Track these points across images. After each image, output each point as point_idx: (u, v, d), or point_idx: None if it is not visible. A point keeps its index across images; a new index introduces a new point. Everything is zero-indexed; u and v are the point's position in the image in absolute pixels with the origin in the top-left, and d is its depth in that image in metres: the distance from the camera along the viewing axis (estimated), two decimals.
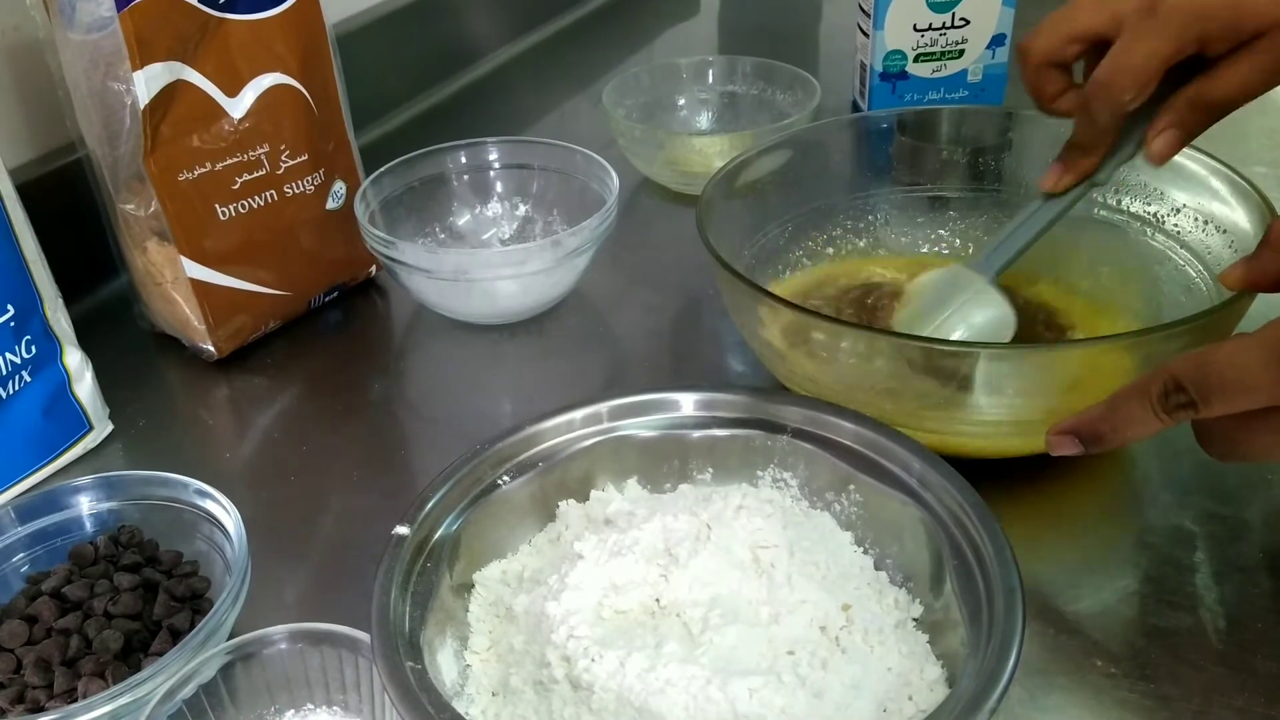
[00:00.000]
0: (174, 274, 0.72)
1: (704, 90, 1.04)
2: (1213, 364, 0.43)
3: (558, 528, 0.55)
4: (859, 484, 0.53)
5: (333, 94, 0.76)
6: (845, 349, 0.58)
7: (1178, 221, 0.69)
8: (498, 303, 0.77)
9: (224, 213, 0.71)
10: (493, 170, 0.86)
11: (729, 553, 0.49)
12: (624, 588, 0.48)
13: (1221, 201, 0.65)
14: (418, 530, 0.50)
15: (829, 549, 0.51)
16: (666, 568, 0.49)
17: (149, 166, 0.67)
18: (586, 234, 0.74)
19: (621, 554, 0.49)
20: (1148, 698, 0.49)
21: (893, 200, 0.79)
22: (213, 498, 0.56)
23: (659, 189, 0.96)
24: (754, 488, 0.55)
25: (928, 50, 1.01)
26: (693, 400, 0.57)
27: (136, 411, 0.72)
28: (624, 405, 0.56)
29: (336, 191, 0.78)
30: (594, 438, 0.56)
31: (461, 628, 0.50)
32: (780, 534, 0.50)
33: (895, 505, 0.51)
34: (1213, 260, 0.65)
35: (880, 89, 1.03)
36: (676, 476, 0.57)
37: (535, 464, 0.55)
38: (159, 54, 0.65)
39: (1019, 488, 0.61)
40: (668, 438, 0.56)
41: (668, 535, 0.50)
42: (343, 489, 0.65)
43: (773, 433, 0.55)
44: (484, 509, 0.53)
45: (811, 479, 0.55)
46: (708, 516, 0.51)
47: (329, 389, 0.75)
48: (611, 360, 0.77)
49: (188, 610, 0.53)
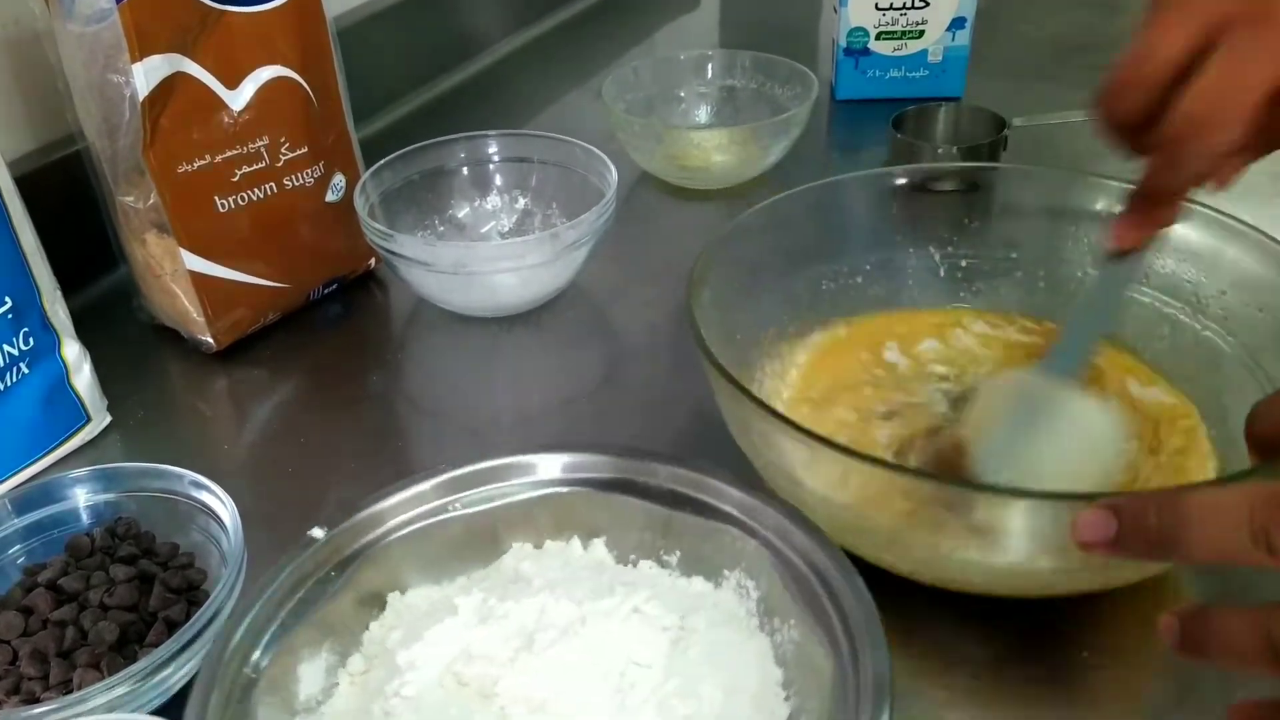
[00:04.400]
0: (173, 266, 0.71)
1: (703, 84, 1.04)
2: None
3: (498, 567, 0.53)
4: (798, 617, 0.47)
5: (333, 87, 0.76)
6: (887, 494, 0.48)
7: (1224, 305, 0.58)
8: (497, 296, 0.77)
9: (223, 205, 0.71)
10: (492, 163, 0.86)
11: (595, 656, 0.45)
12: (476, 659, 0.46)
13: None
14: (340, 536, 0.49)
15: (732, 686, 0.45)
16: (519, 652, 0.46)
17: (148, 159, 0.67)
18: (586, 227, 0.74)
19: (489, 621, 0.47)
20: None
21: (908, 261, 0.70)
22: (208, 489, 0.56)
23: (658, 183, 0.96)
24: (715, 588, 0.51)
25: (889, 29, 1.05)
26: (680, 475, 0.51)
27: (135, 403, 0.72)
28: (639, 465, 0.52)
29: (336, 184, 0.78)
30: (574, 486, 0.53)
31: (351, 644, 0.49)
32: (664, 654, 0.45)
33: (822, 654, 0.45)
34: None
35: (845, 64, 1.08)
36: (645, 551, 0.53)
37: (491, 499, 0.52)
38: (158, 46, 0.65)
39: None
40: (650, 510, 0.52)
41: (541, 616, 0.47)
42: (341, 481, 0.66)
43: (745, 533, 0.49)
44: (426, 531, 0.51)
45: (769, 595, 0.49)
46: (592, 609, 0.47)
47: (328, 381, 0.75)
48: (610, 353, 0.77)
49: (184, 602, 0.53)
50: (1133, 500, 0.37)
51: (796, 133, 0.93)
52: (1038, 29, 1.25)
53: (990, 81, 1.09)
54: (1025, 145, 0.91)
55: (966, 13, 1.04)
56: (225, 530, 0.54)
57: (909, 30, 1.05)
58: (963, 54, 1.06)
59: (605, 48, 1.29)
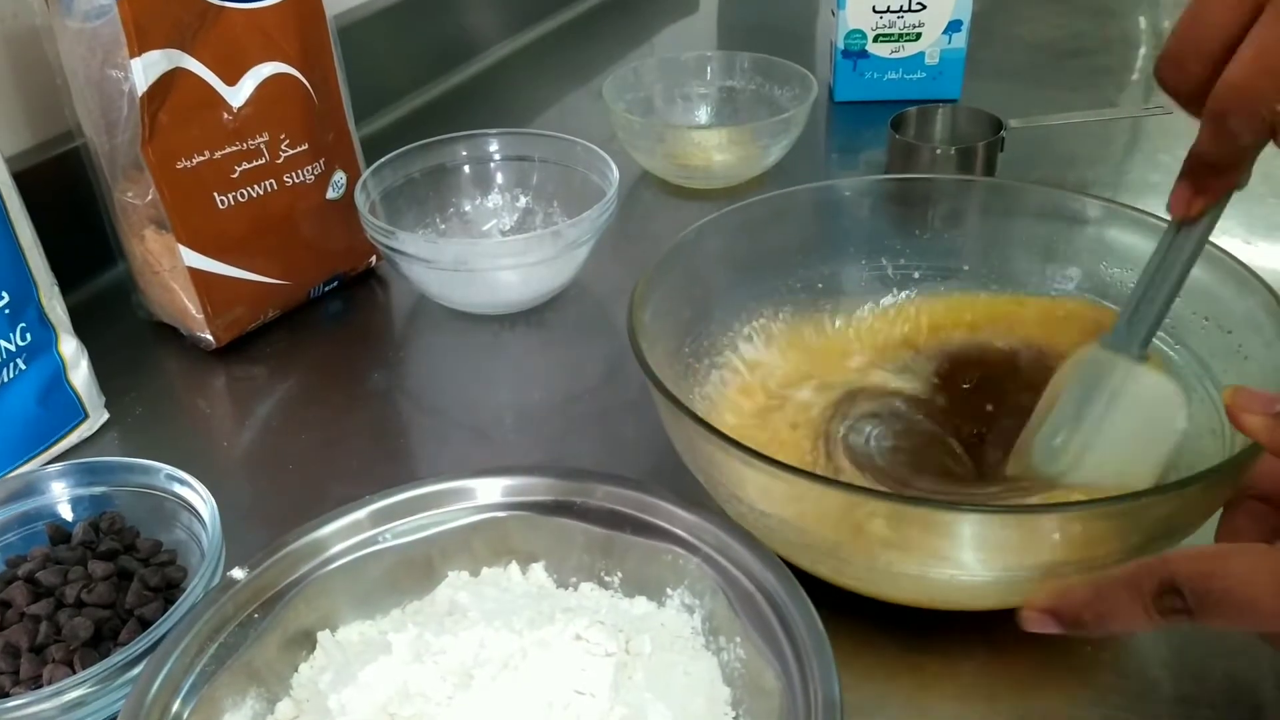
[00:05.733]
0: (172, 263, 0.71)
1: (703, 85, 1.04)
2: (1220, 578, 0.38)
3: (433, 599, 0.51)
4: (744, 635, 0.46)
5: (333, 84, 0.76)
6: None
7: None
8: (498, 293, 0.77)
9: (223, 201, 0.71)
10: (493, 162, 0.86)
11: (537, 689, 0.44)
12: (413, 698, 0.44)
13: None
14: (263, 575, 0.47)
15: (680, 709, 0.44)
16: (457, 689, 0.44)
17: (147, 154, 0.67)
18: (587, 225, 0.74)
19: (425, 658, 0.45)
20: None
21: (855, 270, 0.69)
22: (187, 484, 0.55)
23: (659, 182, 0.96)
24: (659, 608, 0.49)
25: (886, 31, 1.06)
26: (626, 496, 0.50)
27: (133, 400, 0.71)
28: (576, 485, 0.51)
29: (337, 181, 0.78)
30: (510, 510, 0.51)
31: (279, 688, 0.47)
32: (608, 682, 0.44)
33: (770, 674, 0.44)
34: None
35: (843, 66, 1.09)
36: (586, 573, 0.52)
37: (423, 528, 0.51)
38: (157, 41, 0.64)
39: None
40: (590, 532, 0.51)
41: (479, 650, 0.45)
42: (342, 479, 0.65)
43: (687, 551, 0.49)
44: (357, 564, 0.50)
45: (714, 614, 0.48)
46: (532, 639, 0.46)
47: (328, 379, 0.75)
48: (611, 351, 0.77)
49: (160, 600, 0.52)
50: (1063, 603, 0.42)
51: (796, 133, 0.93)
52: (1033, 32, 1.26)
53: (986, 84, 1.09)
54: (1021, 146, 0.91)
55: (963, 16, 1.05)
56: (205, 527, 0.54)
57: (906, 33, 1.06)
58: (959, 56, 1.07)
59: (604, 50, 1.29)
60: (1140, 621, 0.40)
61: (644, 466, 0.64)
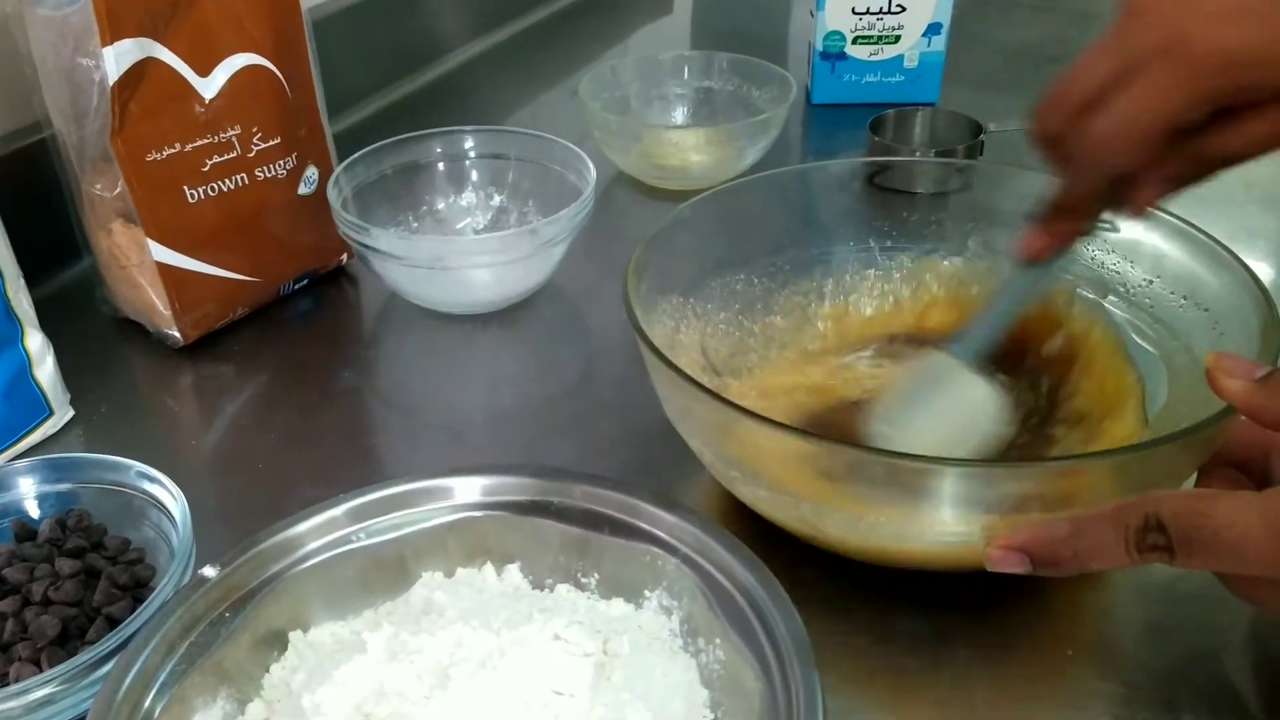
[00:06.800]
0: (139, 257, 0.70)
1: (680, 85, 1.03)
2: (1208, 520, 0.39)
3: (407, 599, 0.50)
4: (724, 636, 0.46)
5: (307, 77, 0.75)
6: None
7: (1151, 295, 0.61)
8: (472, 292, 0.76)
9: (193, 195, 0.70)
10: (468, 159, 0.85)
11: (515, 689, 0.43)
12: (388, 698, 0.43)
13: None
14: (235, 573, 0.46)
15: (660, 710, 0.44)
16: (434, 689, 0.43)
17: (116, 146, 0.65)
18: (563, 223, 0.73)
19: (400, 658, 0.45)
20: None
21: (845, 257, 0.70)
22: (158, 482, 0.54)
23: (635, 182, 0.95)
24: (636, 609, 0.49)
25: (865, 33, 1.06)
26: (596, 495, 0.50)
27: (99, 398, 0.70)
28: (554, 485, 0.51)
29: (309, 177, 0.77)
30: (485, 510, 0.51)
31: (250, 689, 0.46)
32: (587, 682, 0.44)
33: (750, 675, 0.44)
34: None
35: (821, 68, 1.09)
36: (562, 574, 0.51)
37: (397, 528, 0.50)
38: (129, 30, 0.63)
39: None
40: (566, 532, 0.50)
41: (456, 650, 0.45)
42: (311, 478, 0.64)
43: (665, 551, 0.48)
44: (329, 564, 0.49)
45: (693, 615, 0.48)
46: (510, 639, 0.45)
47: (298, 377, 0.73)
48: (586, 352, 0.76)
49: (129, 599, 0.51)
50: (1038, 539, 0.43)
51: (773, 134, 0.92)
52: (1011, 37, 1.26)
53: (965, 89, 1.09)
54: (1000, 150, 0.91)
55: (943, 18, 1.05)
56: (175, 524, 0.53)
57: (885, 35, 1.06)
58: (938, 60, 1.07)
59: (579, 49, 1.28)
60: (1120, 557, 0.41)
61: (619, 467, 0.64)
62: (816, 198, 0.69)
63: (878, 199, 0.70)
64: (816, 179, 0.70)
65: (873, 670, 0.51)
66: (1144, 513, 0.40)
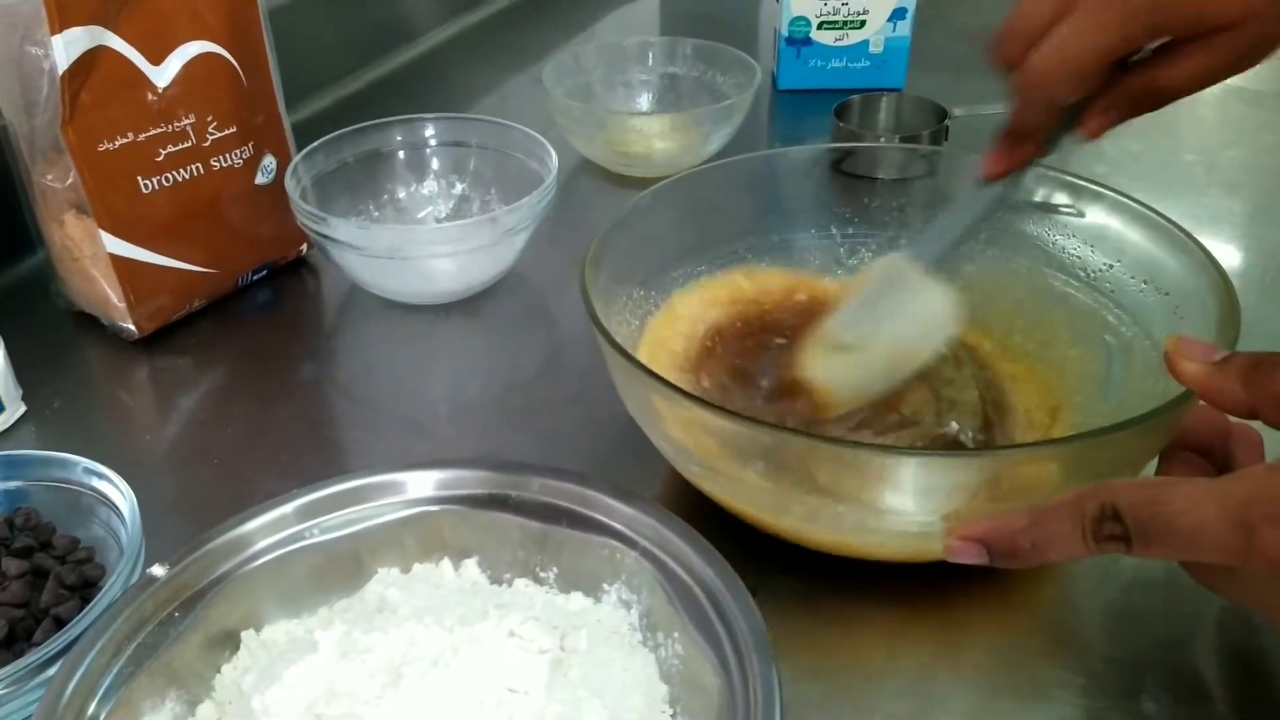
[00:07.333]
0: (92, 249, 0.69)
1: (645, 72, 1.03)
2: (1164, 507, 0.38)
3: (361, 596, 0.49)
4: (683, 630, 0.45)
5: (263, 65, 0.74)
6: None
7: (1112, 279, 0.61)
8: (433, 282, 0.75)
9: (146, 185, 0.68)
10: (429, 147, 0.84)
11: (469, 687, 0.42)
12: (339, 698, 0.42)
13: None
14: (184, 573, 0.45)
15: (617, 706, 0.43)
16: (386, 688, 0.43)
17: (67, 135, 0.64)
18: (525, 211, 0.73)
19: (352, 656, 0.44)
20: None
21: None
22: (106, 478, 0.53)
23: (599, 170, 0.95)
24: (595, 603, 0.48)
25: (830, 18, 1.06)
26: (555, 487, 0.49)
27: (52, 392, 0.69)
28: (511, 478, 0.50)
29: (266, 166, 0.76)
30: (442, 505, 0.50)
31: (201, 690, 0.45)
32: (542, 679, 0.43)
33: (709, 670, 0.43)
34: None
35: (787, 53, 1.08)
36: (520, 569, 0.50)
37: (352, 523, 0.49)
38: (79, 18, 0.62)
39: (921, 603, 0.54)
40: (525, 526, 0.49)
41: (410, 648, 0.44)
42: (270, 472, 0.63)
43: (624, 545, 0.48)
44: (282, 561, 0.48)
45: (652, 610, 0.47)
46: (464, 636, 0.44)
47: (257, 370, 0.72)
48: (550, 341, 0.75)
49: (77, 599, 0.50)
50: (997, 530, 0.42)
51: (738, 120, 0.92)
52: (976, 21, 1.25)
53: (930, 73, 1.09)
54: (965, 135, 0.91)
55: (907, 3, 1.05)
56: (124, 522, 0.51)
57: (850, 20, 1.05)
58: (904, 45, 1.07)
59: (547, 35, 1.27)
60: (1077, 548, 0.40)
61: (582, 459, 0.63)
62: (778, 185, 0.69)
63: (841, 185, 0.69)
64: (777, 166, 0.70)
65: (835, 662, 0.51)
66: (1100, 502, 0.39)
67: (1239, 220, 0.85)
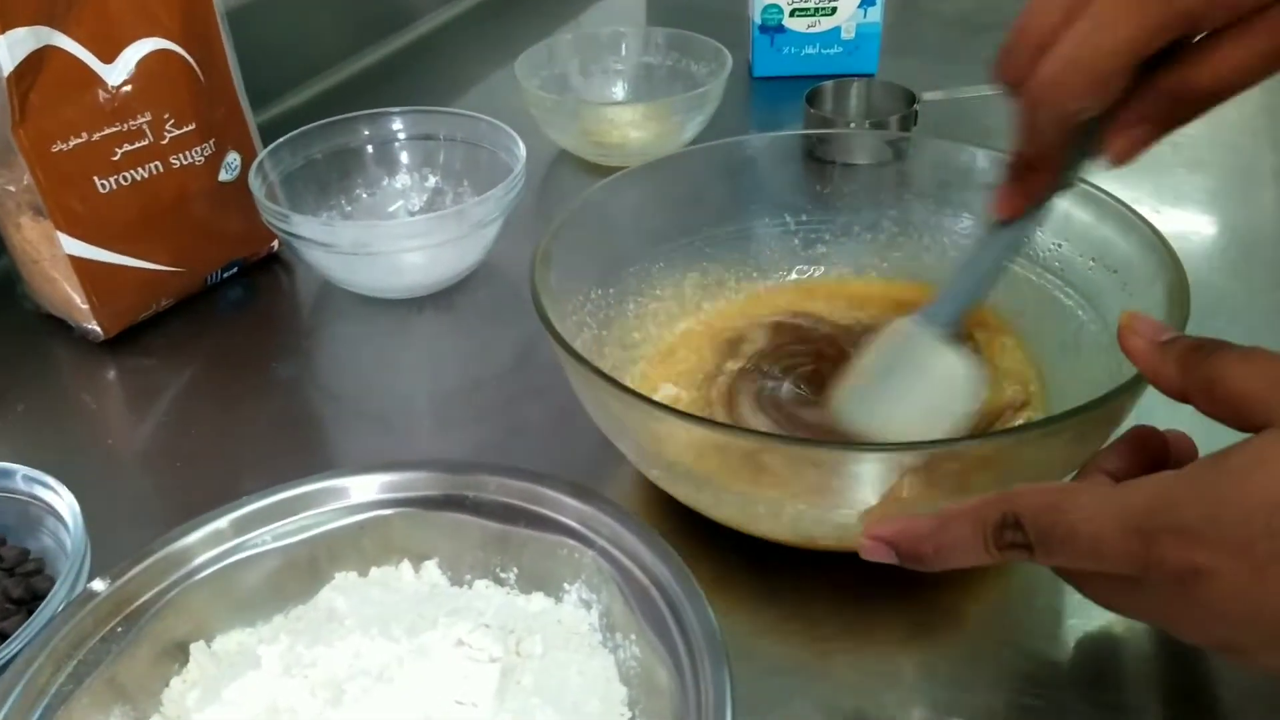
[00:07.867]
0: (51, 251, 0.68)
1: (619, 62, 1.01)
2: (1064, 515, 0.37)
3: (314, 604, 0.48)
4: (639, 631, 0.44)
5: (220, 60, 0.73)
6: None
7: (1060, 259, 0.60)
8: (404, 276, 0.74)
9: (104, 185, 0.67)
10: (398, 141, 0.83)
11: (414, 702, 0.41)
12: (281, 715, 0.41)
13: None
14: (127, 585, 0.44)
15: (572, 711, 0.42)
16: (327, 705, 0.41)
17: (18, 137, 0.63)
18: (493, 203, 0.72)
19: (294, 672, 0.43)
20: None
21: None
22: (47, 486, 0.52)
23: (576, 161, 0.94)
24: (556, 603, 0.47)
25: (802, 6, 1.05)
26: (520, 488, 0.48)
27: (16, 396, 0.68)
28: (466, 479, 0.49)
29: (230, 163, 0.75)
30: (400, 507, 0.49)
31: (149, 705, 0.44)
32: (491, 689, 0.42)
33: (664, 672, 0.42)
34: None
35: (760, 40, 1.07)
36: (481, 570, 0.49)
37: (307, 528, 0.48)
38: (23, 18, 0.61)
39: None
40: (484, 527, 0.48)
41: (354, 661, 0.43)
42: (238, 474, 0.62)
43: (582, 544, 0.47)
44: (234, 569, 0.47)
45: (610, 610, 0.46)
46: (410, 647, 0.43)
47: (228, 369, 0.72)
48: (524, 332, 0.74)
49: (24, 613, 0.49)
50: (903, 533, 0.41)
51: (712, 108, 0.90)
52: (949, 6, 1.25)
53: (903, 59, 1.08)
54: (936, 119, 0.90)
55: None
56: (68, 530, 0.50)
57: (821, 7, 1.05)
58: (875, 31, 1.06)
59: (531, 26, 1.25)
60: (980, 555, 0.39)
61: (554, 453, 0.62)
62: (742, 172, 0.68)
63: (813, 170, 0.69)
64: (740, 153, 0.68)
65: (796, 658, 0.50)
66: (1002, 510, 0.38)
67: (1203, 198, 0.83)
